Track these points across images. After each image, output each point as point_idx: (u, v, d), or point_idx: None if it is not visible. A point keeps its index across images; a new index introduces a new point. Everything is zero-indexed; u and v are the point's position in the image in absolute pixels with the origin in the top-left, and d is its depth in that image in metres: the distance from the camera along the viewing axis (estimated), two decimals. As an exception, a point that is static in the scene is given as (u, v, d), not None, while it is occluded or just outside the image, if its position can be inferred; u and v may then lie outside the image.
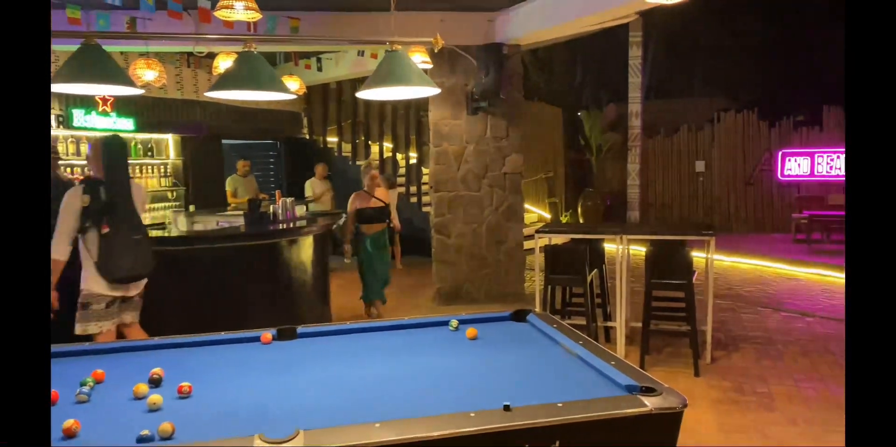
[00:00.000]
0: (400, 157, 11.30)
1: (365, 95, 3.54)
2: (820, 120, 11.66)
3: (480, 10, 6.59)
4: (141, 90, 3.83)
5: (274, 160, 12.69)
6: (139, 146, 9.12)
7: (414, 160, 11.07)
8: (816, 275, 8.38)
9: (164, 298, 4.19)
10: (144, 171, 9.23)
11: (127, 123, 8.61)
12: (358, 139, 11.50)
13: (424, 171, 10.39)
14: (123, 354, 2.56)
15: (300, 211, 6.26)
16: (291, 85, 6.45)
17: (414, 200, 10.43)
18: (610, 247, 5.99)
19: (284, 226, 5.56)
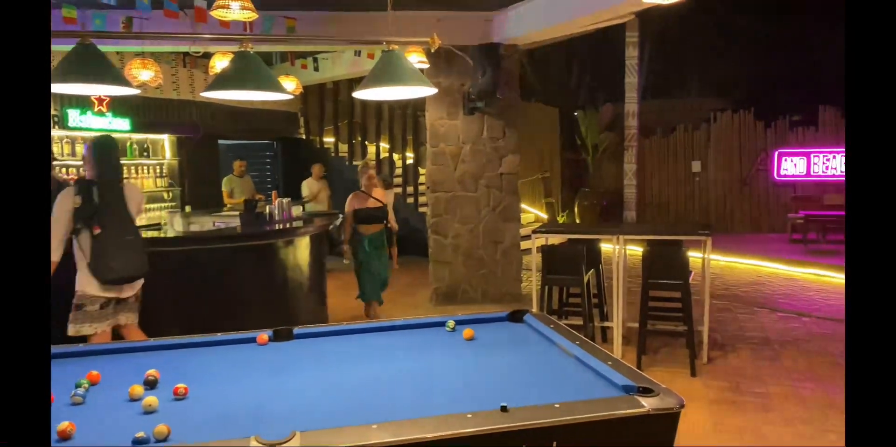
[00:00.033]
0: (396, 157, 11.29)
1: (361, 95, 3.53)
2: (816, 120, 11.68)
3: (477, 9, 6.59)
4: (136, 90, 3.81)
5: (270, 160, 12.68)
6: (135, 146, 9.09)
7: (411, 160, 11.06)
8: (813, 275, 8.41)
9: (159, 299, 4.18)
10: (140, 171, 9.21)
11: (123, 123, 8.58)
12: (354, 139, 11.49)
13: (421, 171, 10.39)
14: (119, 356, 2.55)
15: (296, 211, 6.24)
16: (288, 85, 6.43)
17: (411, 201, 10.43)
18: (606, 248, 6.00)
19: (281, 227, 5.55)
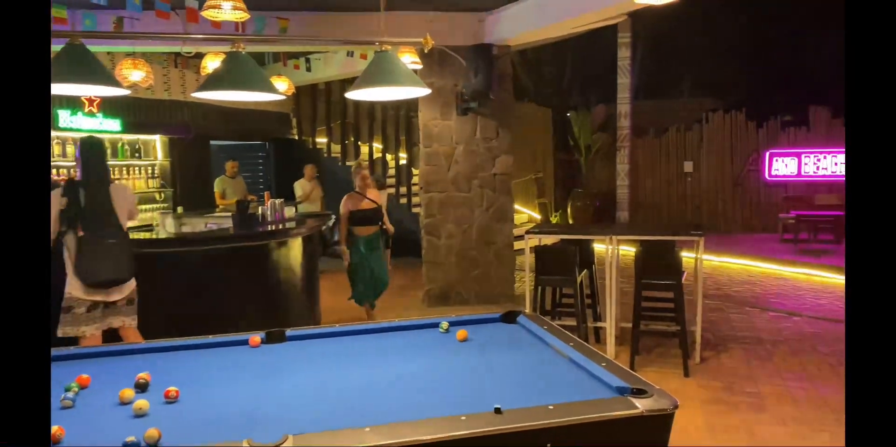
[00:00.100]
0: (390, 157, 11.28)
1: (354, 96, 3.52)
2: (807, 120, 11.75)
3: (470, 10, 6.59)
4: (127, 91, 3.79)
5: (263, 161, 12.63)
6: (126, 147, 9.03)
7: (404, 161, 11.05)
8: (804, 275, 8.45)
9: (150, 301, 4.15)
10: (131, 172, 9.15)
11: (114, 124, 8.52)
12: (347, 140, 11.47)
13: (414, 171, 10.38)
14: (109, 359, 2.52)
15: (289, 212, 6.22)
16: (280, 85, 6.41)
17: (404, 201, 10.41)
18: (599, 248, 6.00)
19: (273, 228, 5.52)
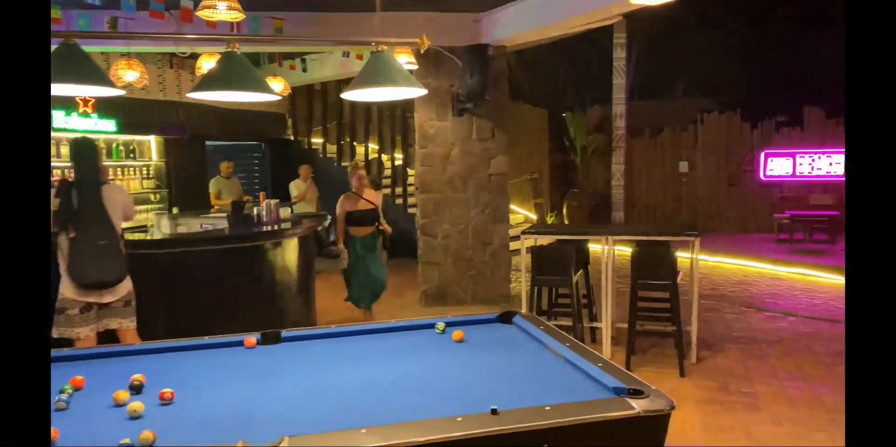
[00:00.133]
0: (385, 158, 11.27)
1: (350, 96, 3.51)
2: (801, 120, 11.79)
3: (466, 10, 6.59)
4: (121, 91, 3.76)
5: (258, 162, 12.61)
6: (121, 148, 9.01)
7: (400, 161, 11.04)
8: (799, 275, 8.47)
9: (145, 302, 4.13)
10: (126, 172, 9.13)
11: (108, 125, 8.50)
12: (343, 140, 11.46)
13: (410, 172, 10.38)
14: (103, 360, 2.51)
15: (284, 213, 6.21)
16: (276, 86, 6.39)
17: (400, 202, 10.41)
18: (595, 248, 6.01)
19: (268, 229, 5.51)
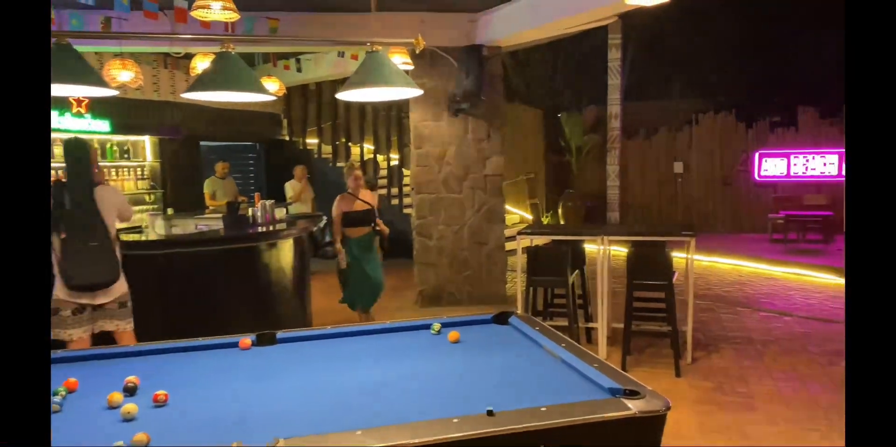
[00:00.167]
0: (381, 158, 11.26)
1: (345, 97, 3.51)
2: (795, 121, 11.83)
3: (461, 11, 6.59)
4: (115, 91, 3.75)
5: (253, 162, 12.58)
6: (115, 148, 8.97)
7: (395, 162, 11.03)
8: (793, 275, 8.50)
9: (139, 303, 4.11)
10: (121, 173, 9.09)
11: (102, 125, 8.46)
12: (338, 141, 11.44)
13: (406, 172, 10.36)
14: (97, 362, 2.50)
15: (280, 213, 6.19)
16: (270, 86, 6.38)
17: (395, 202, 10.40)
18: (591, 248, 6.02)
19: (263, 229, 5.49)
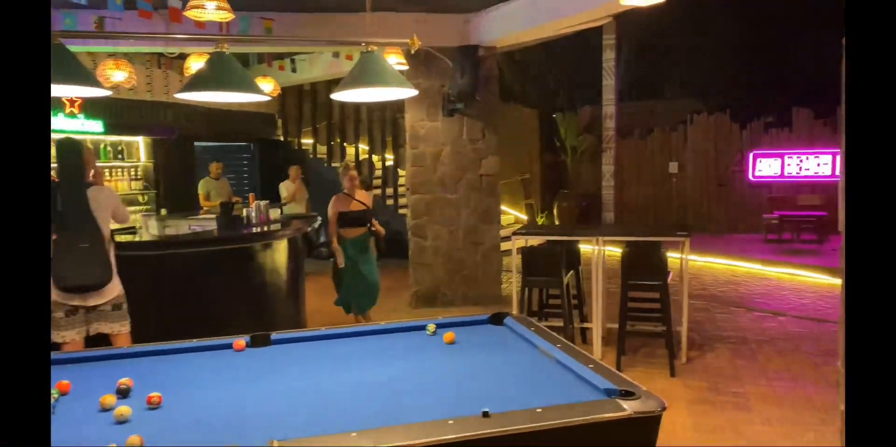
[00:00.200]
0: (376, 158, 11.24)
1: (340, 97, 3.50)
2: (790, 121, 11.87)
3: (456, 11, 6.59)
4: (109, 91, 3.73)
5: (247, 162, 12.55)
6: (109, 149, 8.93)
7: (390, 162, 11.02)
8: (787, 275, 8.53)
9: (132, 305, 4.09)
10: (114, 174, 9.05)
11: (96, 125, 8.42)
12: (333, 141, 11.42)
13: (401, 173, 10.36)
14: (89, 364, 2.48)
15: (274, 214, 6.18)
16: (265, 86, 6.37)
17: (391, 203, 10.39)
18: (586, 249, 6.02)
19: (258, 230, 5.48)
